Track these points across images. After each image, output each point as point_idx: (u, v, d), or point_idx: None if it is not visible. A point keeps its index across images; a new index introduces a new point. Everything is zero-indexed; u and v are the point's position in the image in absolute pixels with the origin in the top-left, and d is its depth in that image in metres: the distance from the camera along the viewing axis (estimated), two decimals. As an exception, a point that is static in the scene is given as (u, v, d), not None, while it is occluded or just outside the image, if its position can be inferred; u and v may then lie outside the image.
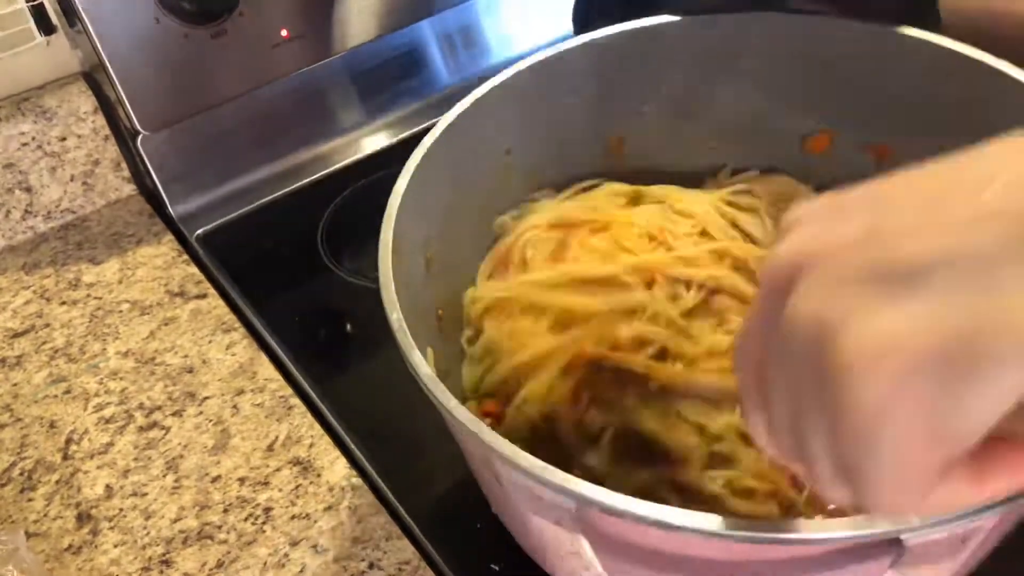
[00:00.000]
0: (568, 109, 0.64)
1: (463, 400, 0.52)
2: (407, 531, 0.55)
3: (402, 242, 0.50)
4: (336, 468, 0.59)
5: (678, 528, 0.34)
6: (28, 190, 0.82)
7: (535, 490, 0.36)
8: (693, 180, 0.68)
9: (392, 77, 0.92)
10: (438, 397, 0.40)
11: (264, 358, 0.68)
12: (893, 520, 0.32)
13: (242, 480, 0.59)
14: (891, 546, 0.33)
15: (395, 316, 0.44)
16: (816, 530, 0.33)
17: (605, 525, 0.37)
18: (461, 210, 0.60)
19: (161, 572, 0.54)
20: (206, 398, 0.65)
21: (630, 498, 0.34)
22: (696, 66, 0.64)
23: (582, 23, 0.67)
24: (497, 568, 0.51)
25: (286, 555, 0.54)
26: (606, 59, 0.63)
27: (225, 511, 0.57)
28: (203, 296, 0.75)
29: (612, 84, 0.64)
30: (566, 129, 0.65)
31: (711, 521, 0.33)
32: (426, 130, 0.58)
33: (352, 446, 0.61)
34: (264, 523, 0.56)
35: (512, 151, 0.63)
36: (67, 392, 0.67)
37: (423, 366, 0.41)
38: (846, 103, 0.62)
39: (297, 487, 0.58)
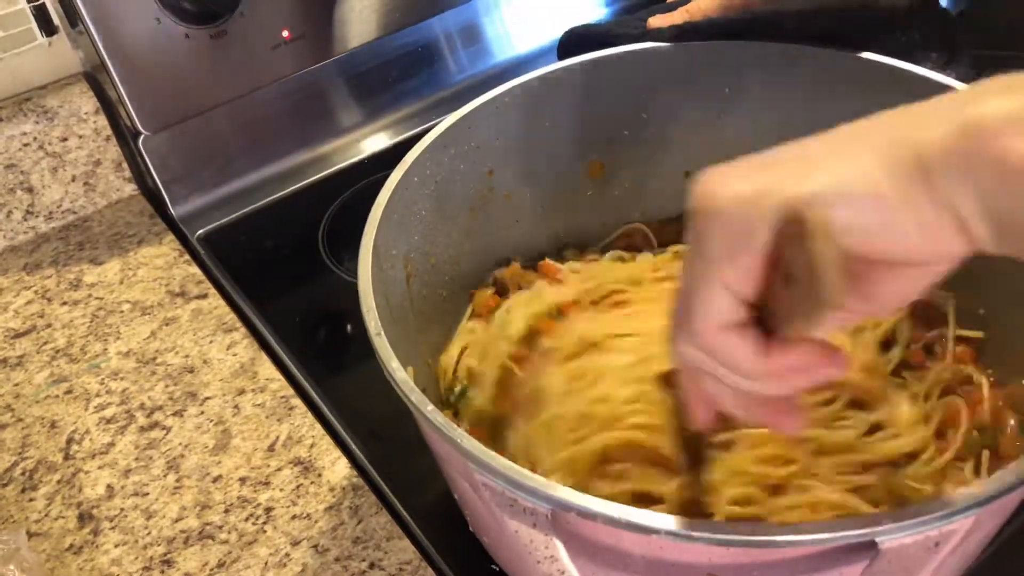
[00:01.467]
0: (549, 132, 0.64)
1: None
2: (408, 531, 0.55)
3: (383, 253, 0.51)
4: (337, 468, 0.59)
5: (651, 531, 0.34)
6: (29, 190, 0.82)
7: (510, 494, 0.37)
8: (668, 223, 0.69)
9: (392, 78, 0.92)
10: (414, 402, 0.41)
11: (265, 358, 0.68)
12: (868, 522, 0.33)
13: (243, 480, 0.59)
14: (865, 549, 0.33)
15: (373, 323, 0.45)
16: (790, 533, 0.33)
17: (579, 528, 0.37)
18: (442, 229, 0.61)
19: (162, 572, 0.54)
20: (207, 398, 0.65)
21: (603, 501, 0.35)
22: (678, 93, 0.64)
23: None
24: (497, 568, 0.52)
25: (287, 555, 0.54)
26: (588, 84, 0.64)
27: (226, 511, 0.57)
28: (204, 296, 0.75)
29: (593, 109, 0.65)
30: (547, 151, 0.65)
31: (683, 524, 0.34)
32: (426, 131, 0.58)
33: (353, 446, 0.61)
34: (265, 523, 0.56)
35: (494, 172, 0.63)
36: (68, 392, 0.67)
37: (400, 372, 0.42)
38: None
39: (298, 487, 0.58)
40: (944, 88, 0.52)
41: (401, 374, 0.42)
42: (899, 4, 0.58)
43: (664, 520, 0.34)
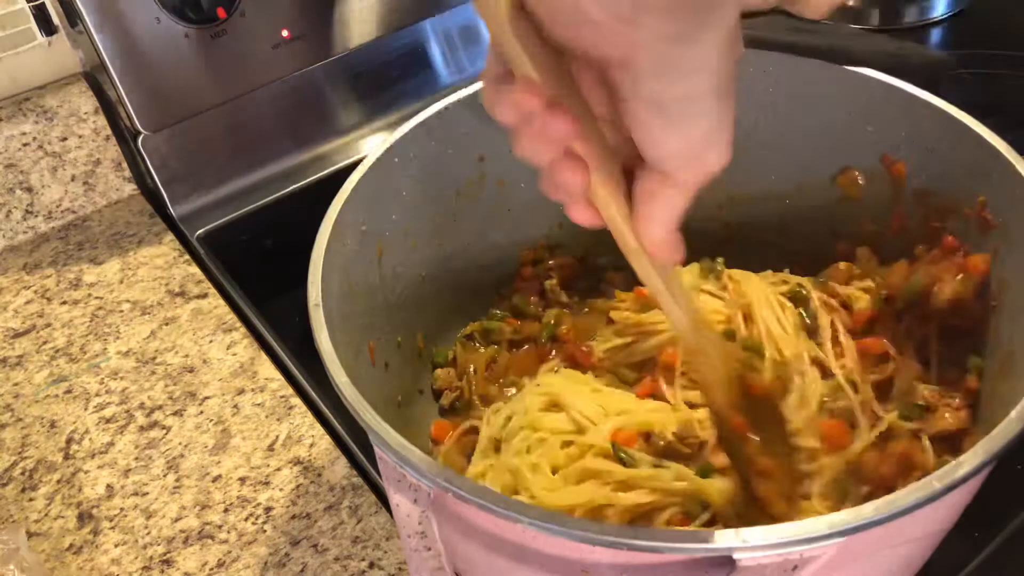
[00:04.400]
0: None
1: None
2: (407, 531, 0.55)
3: (350, 229, 0.53)
4: (336, 468, 0.59)
5: (515, 519, 0.35)
6: (29, 190, 0.82)
7: (400, 469, 0.39)
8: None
9: (392, 77, 0.92)
10: (331, 372, 0.43)
11: (265, 358, 0.68)
12: (727, 538, 0.33)
13: (243, 480, 0.59)
14: (724, 564, 0.34)
15: (315, 294, 0.46)
16: (649, 539, 0.34)
17: (458, 510, 0.39)
18: (425, 211, 0.61)
19: (162, 572, 0.54)
20: (207, 398, 0.65)
21: (478, 485, 0.36)
22: None
23: None
24: (497, 568, 0.52)
25: (287, 555, 0.54)
26: None
27: (226, 511, 0.57)
28: (204, 296, 0.75)
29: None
30: None
31: (545, 516, 0.35)
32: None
33: (352, 446, 0.61)
34: (265, 523, 0.56)
35: (486, 158, 0.63)
36: (68, 392, 0.67)
37: (326, 344, 0.44)
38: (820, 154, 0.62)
39: (298, 487, 0.58)
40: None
41: (327, 346, 0.44)
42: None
43: (528, 510, 0.35)
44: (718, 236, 0.67)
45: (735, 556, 0.33)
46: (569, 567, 0.38)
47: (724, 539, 0.33)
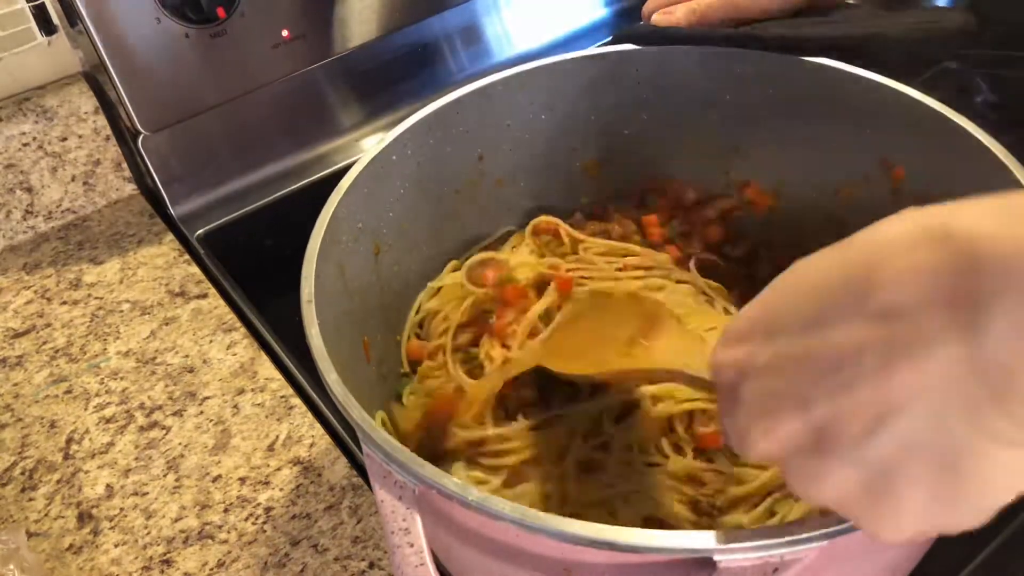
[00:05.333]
0: (544, 124, 0.64)
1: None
2: (407, 531, 0.55)
3: (346, 225, 0.53)
4: (336, 468, 0.59)
5: (499, 517, 0.35)
6: (29, 190, 0.82)
7: (385, 467, 0.39)
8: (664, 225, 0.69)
9: (393, 77, 0.92)
10: (320, 369, 0.42)
11: (265, 358, 0.68)
12: (706, 539, 0.33)
13: (243, 480, 0.59)
14: (705, 566, 0.34)
15: (307, 289, 0.47)
16: (631, 538, 0.34)
17: (442, 507, 0.39)
18: (423, 208, 0.61)
19: (162, 572, 0.54)
20: (207, 398, 0.65)
21: (462, 483, 0.37)
22: (680, 97, 0.64)
23: None
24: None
25: (287, 555, 0.54)
26: (587, 80, 0.63)
27: (226, 511, 0.57)
28: (204, 296, 0.75)
29: (592, 106, 0.65)
30: (542, 144, 0.65)
31: (527, 515, 0.35)
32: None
33: (352, 446, 0.61)
34: (265, 523, 0.56)
35: (484, 157, 0.63)
36: (68, 392, 0.67)
37: (316, 339, 0.44)
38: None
39: (298, 487, 0.58)
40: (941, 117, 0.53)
41: (317, 342, 0.44)
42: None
43: (511, 509, 0.35)
44: (712, 238, 0.67)
45: (715, 558, 0.33)
46: (551, 565, 0.38)
47: (704, 541, 0.33)
